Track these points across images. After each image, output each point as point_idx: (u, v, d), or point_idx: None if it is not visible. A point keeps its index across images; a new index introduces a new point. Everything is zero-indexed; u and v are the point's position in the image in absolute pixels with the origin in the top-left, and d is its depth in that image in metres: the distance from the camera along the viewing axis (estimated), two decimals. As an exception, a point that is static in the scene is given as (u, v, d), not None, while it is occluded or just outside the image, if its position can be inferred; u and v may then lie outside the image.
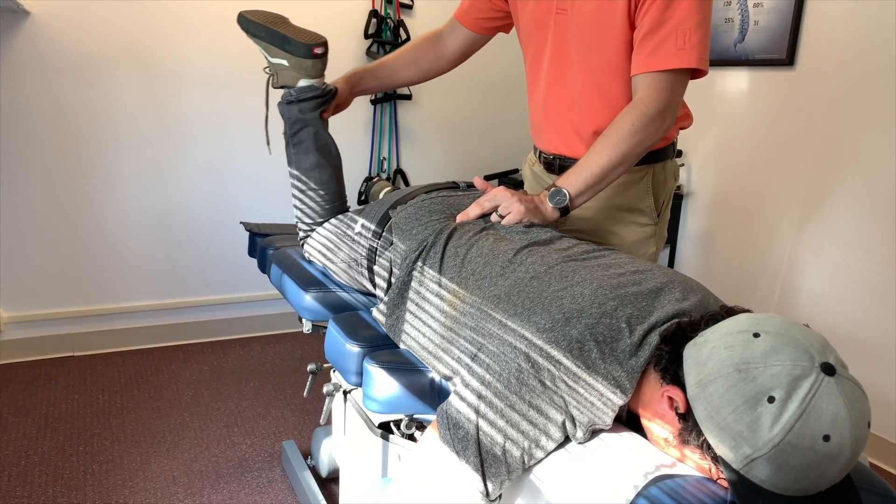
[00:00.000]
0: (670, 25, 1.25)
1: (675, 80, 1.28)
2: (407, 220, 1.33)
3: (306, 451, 2.19)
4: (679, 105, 1.33)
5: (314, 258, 1.58)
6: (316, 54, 1.48)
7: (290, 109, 1.56)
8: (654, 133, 1.29)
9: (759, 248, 2.67)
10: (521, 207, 1.27)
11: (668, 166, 1.53)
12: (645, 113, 1.28)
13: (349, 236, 1.46)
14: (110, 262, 2.80)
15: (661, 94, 1.28)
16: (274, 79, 1.55)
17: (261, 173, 2.98)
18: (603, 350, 0.90)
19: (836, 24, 2.33)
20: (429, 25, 3.14)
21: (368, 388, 1.20)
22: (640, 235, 1.52)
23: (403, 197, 1.43)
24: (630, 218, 1.51)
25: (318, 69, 1.53)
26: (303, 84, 1.55)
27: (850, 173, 2.33)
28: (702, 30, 1.26)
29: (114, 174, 2.72)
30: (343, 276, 1.48)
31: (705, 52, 1.28)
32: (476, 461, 0.90)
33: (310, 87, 1.54)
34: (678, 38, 1.25)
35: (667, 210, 1.57)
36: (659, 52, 1.26)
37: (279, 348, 3.00)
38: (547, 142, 1.55)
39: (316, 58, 1.48)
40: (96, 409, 2.39)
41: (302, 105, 1.55)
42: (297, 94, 1.55)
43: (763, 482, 0.76)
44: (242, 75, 2.84)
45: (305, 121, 1.56)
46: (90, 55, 2.58)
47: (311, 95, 1.54)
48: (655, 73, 1.28)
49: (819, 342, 0.78)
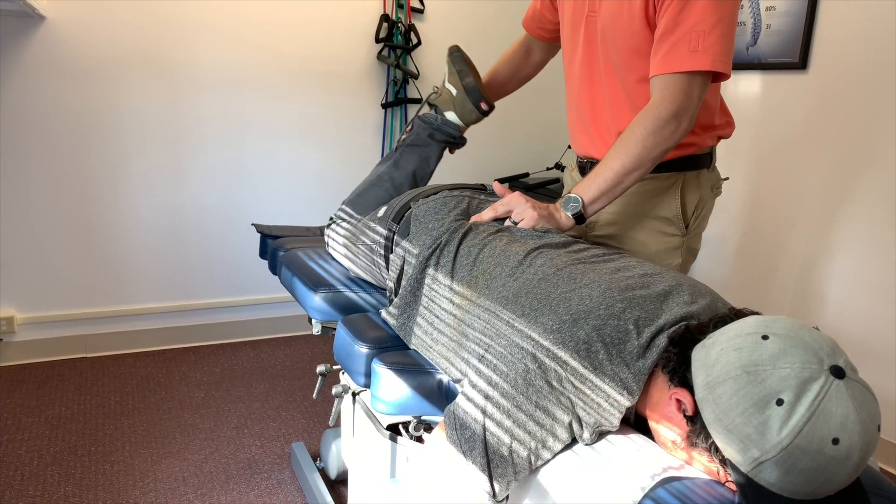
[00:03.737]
0: (685, 27, 1.24)
1: (689, 83, 1.26)
2: (425, 214, 1.33)
3: (315, 452, 2.19)
4: (696, 108, 1.28)
5: (336, 240, 1.59)
6: (480, 108, 1.64)
7: (424, 128, 1.71)
8: (669, 136, 1.27)
9: (772, 253, 2.66)
10: (535, 214, 1.27)
11: (704, 176, 1.48)
12: (658, 116, 1.26)
13: (373, 220, 1.48)
14: (123, 264, 2.82)
15: (675, 96, 1.26)
16: (435, 95, 1.72)
17: (272, 176, 3.00)
18: (610, 351, 0.90)
19: (849, 27, 2.32)
20: (440, 29, 3.16)
21: (377, 389, 1.21)
22: (665, 245, 1.48)
23: (426, 191, 1.44)
24: (655, 226, 1.48)
25: (469, 118, 1.68)
26: (450, 117, 1.69)
27: (864, 177, 2.31)
28: (718, 31, 1.23)
29: (127, 177, 2.74)
30: (362, 260, 1.49)
31: (722, 53, 1.24)
32: (483, 462, 0.90)
33: (453, 125, 1.70)
34: (692, 40, 1.23)
35: (699, 222, 1.51)
36: (672, 53, 1.25)
37: (289, 351, 3.01)
38: (580, 145, 1.55)
39: (478, 109, 1.65)
40: (108, 410, 2.41)
41: (435, 133, 1.70)
42: (441, 123, 1.69)
43: (771, 485, 0.76)
44: (255, 78, 2.86)
45: (426, 145, 1.70)
46: (104, 59, 2.61)
47: (447, 131, 1.70)
48: (669, 76, 1.26)
49: (828, 345, 0.77)
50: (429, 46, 3.16)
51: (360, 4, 2.98)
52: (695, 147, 1.44)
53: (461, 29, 3.21)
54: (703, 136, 1.44)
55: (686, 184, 1.46)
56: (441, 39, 3.17)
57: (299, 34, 2.90)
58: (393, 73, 3.10)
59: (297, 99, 2.96)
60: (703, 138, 1.44)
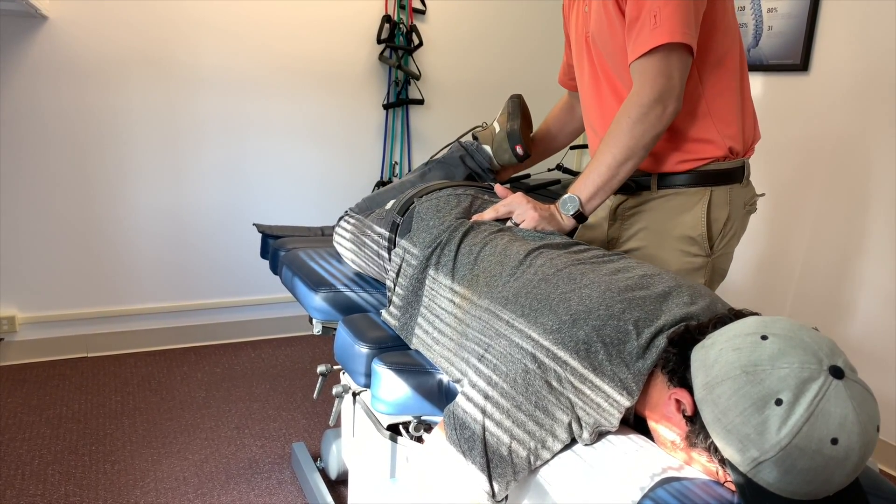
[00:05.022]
0: (645, 10, 1.23)
1: (663, 62, 1.23)
2: (427, 211, 1.33)
3: (316, 453, 2.20)
4: (680, 88, 1.24)
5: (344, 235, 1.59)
6: (515, 150, 1.66)
7: (458, 150, 1.72)
8: (656, 121, 1.25)
9: (772, 254, 2.65)
10: (536, 215, 1.28)
11: (735, 192, 1.40)
12: (640, 103, 1.24)
13: (380, 214, 1.48)
14: (124, 264, 2.82)
15: (655, 80, 1.24)
16: (480, 129, 1.76)
17: (273, 176, 3.00)
18: (610, 352, 0.90)
19: (850, 29, 2.32)
20: (442, 30, 3.16)
21: (377, 389, 1.21)
22: (687, 266, 1.41)
23: (432, 186, 1.44)
24: (678, 245, 1.40)
25: (502, 158, 1.69)
26: (485, 149, 1.71)
27: (865, 179, 2.31)
28: (673, 3, 1.21)
29: (128, 177, 2.75)
30: (368, 254, 1.49)
31: (680, 23, 1.21)
32: (482, 461, 0.90)
33: (486, 156, 1.70)
34: (651, 19, 1.22)
35: (728, 241, 1.42)
36: (639, 38, 1.24)
37: (290, 351, 3.01)
38: (592, 147, 1.55)
39: (514, 152, 1.66)
40: (109, 410, 2.41)
41: (466, 157, 1.70)
42: (475, 151, 1.70)
43: (770, 485, 0.76)
44: (256, 79, 2.86)
45: (455, 166, 1.70)
46: (106, 59, 2.61)
47: (478, 160, 1.70)
48: (642, 60, 1.25)
49: (828, 345, 0.78)
50: (430, 47, 3.16)
51: (362, 5, 2.98)
52: (713, 146, 1.36)
53: (463, 30, 3.21)
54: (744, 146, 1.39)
55: (714, 200, 1.38)
56: (443, 40, 3.18)
57: (301, 35, 2.90)
58: (394, 73, 3.10)
59: (298, 99, 2.96)
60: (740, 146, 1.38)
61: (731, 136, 1.37)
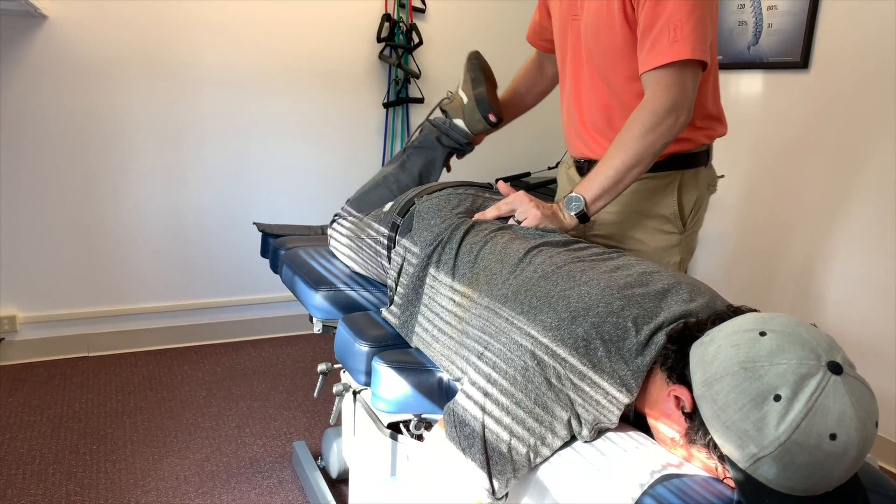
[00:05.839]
0: (662, 20, 1.24)
1: (679, 74, 1.26)
2: (428, 210, 1.34)
3: (317, 451, 2.20)
4: (692, 99, 1.29)
5: (339, 238, 1.59)
6: (488, 119, 1.65)
7: (433, 131, 1.73)
8: (667, 131, 1.27)
9: (773, 252, 2.65)
10: (538, 213, 1.28)
11: (702, 175, 1.49)
12: (654, 111, 1.27)
13: (378, 216, 1.48)
14: (125, 263, 2.83)
15: (669, 90, 1.26)
16: (447, 101, 1.73)
17: (274, 175, 3.00)
18: (609, 349, 0.90)
19: (850, 26, 2.31)
20: (442, 29, 3.16)
21: (377, 387, 1.21)
22: (664, 243, 1.49)
23: (432, 187, 1.44)
24: (654, 224, 1.49)
25: (477, 128, 1.68)
26: (458, 124, 1.70)
27: (865, 176, 2.31)
28: (693, 19, 1.23)
29: (128, 176, 2.75)
30: (366, 257, 1.49)
31: (700, 41, 1.24)
32: (482, 459, 0.91)
33: (461, 131, 1.70)
34: (670, 31, 1.24)
35: (696, 220, 1.53)
36: (655, 48, 1.26)
37: (291, 350, 3.01)
38: (574, 148, 1.56)
39: (485, 120, 1.65)
40: (110, 409, 2.41)
41: (443, 137, 1.72)
42: (449, 128, 1.71)
43: (769, 481, 0.76)
44: (256, 78, 2.86)
45: (433, 148, 1.71)
46: (106, 58, 2.61)
47: (454, 137, 1.71)
48: (657, 70, 1.27)
49: (826, 341, 0.78)
50: (430, 46, 3.16)
51: (362, 4, 2.98)
52: (690, 143, 1.44)
53: (463, 28, 3.21)
54: (697, 132, 1.44)
55: (684, 182, 1.47)
56: (443, 39, 3.18)
57: (301, 34, 2.90)
58: (394, 72, 3.10)
59: (298, 98, 2.97)
60: (698, 134, 1.45)
61: (706, 134, 1.46)
